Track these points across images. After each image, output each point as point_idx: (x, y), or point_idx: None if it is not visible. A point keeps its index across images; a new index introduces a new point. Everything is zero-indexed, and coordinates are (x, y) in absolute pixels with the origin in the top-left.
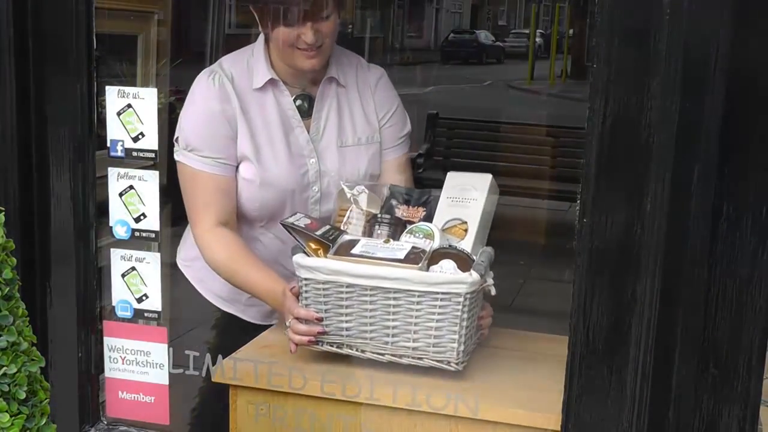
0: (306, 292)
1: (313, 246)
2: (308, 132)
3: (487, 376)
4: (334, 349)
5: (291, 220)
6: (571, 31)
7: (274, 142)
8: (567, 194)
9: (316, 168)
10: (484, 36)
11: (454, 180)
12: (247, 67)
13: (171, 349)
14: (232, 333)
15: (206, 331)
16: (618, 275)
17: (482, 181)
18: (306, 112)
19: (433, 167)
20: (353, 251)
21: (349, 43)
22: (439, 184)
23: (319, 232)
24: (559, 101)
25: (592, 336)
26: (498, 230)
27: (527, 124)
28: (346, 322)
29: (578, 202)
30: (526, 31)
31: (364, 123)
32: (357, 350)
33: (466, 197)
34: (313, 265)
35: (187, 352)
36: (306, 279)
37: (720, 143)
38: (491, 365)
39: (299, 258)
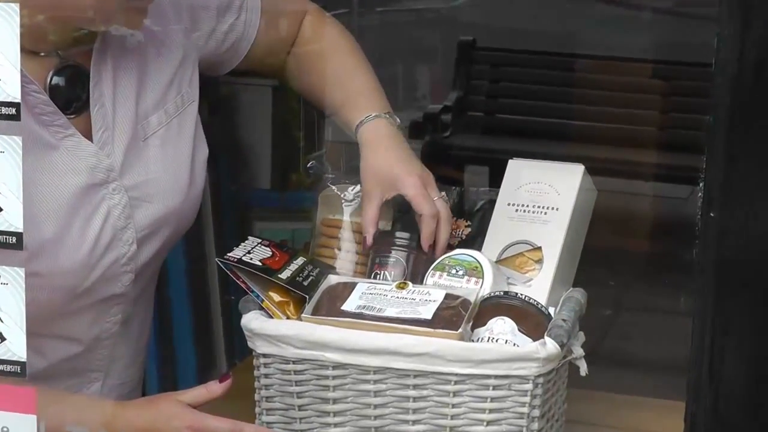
0: (266, 377)
1: (276, 298)
2: (91, 136)
3: None
4: None
5: (237, 253)
6: None
7: (30, 194)
8: (684, 173)
9: (122, 199)
10: None
11: (519, 174)
12: None
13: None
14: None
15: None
16: (765, 301)
17: (568, 178)
18: (75, 100)
19: (468, 128)
20: (345, 307)
21: None
22: (475, 159)
23: (285, 274)
24: (673, 21)
25: (722, 399)
26: None
27: (619, 59)
28: (335, 425)
29: (701, 185)
30: None
31: (171, 75)
32: None
33: (541, 205)
34: (278, 332)
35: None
36: (266, 356)
37: None
38: None
39: (253, 320)
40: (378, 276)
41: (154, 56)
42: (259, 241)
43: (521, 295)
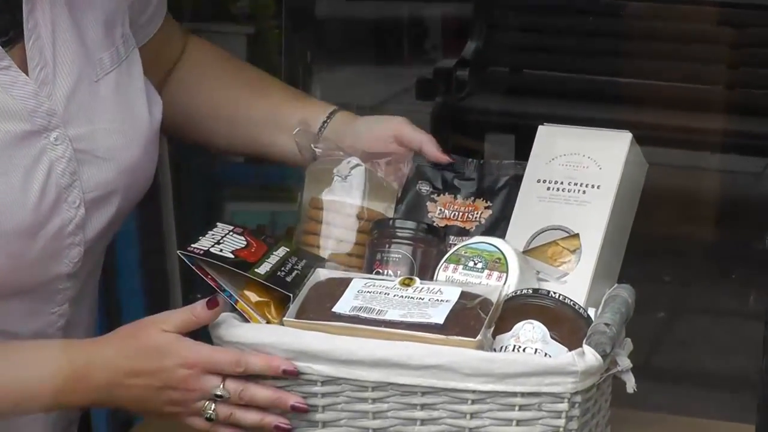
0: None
1: (252, 297)
2: (27, 72)
3: None
4: None
5: (204, 243)
6: None
7: None
8: (757, 141)
9: (66, 151)
10: None
11: (552, 143)
12: None
13: None
14: None
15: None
16: None
17: (612, 148)
18: (3, 33)
19: (488, 87)
20: (338, 308)
21: None
22: (497, 125)
23: (263, 268)
24: None
25: None
26: None
27: (677, 1)
28: None
29: None
30: None
31: (113, 11)
32: None
33: (579, 181)
34: (255, 340)
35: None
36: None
37: None
38: None
39: (223, 326)
40: None
41: None
42: (231, 228)
43: (554, 293)
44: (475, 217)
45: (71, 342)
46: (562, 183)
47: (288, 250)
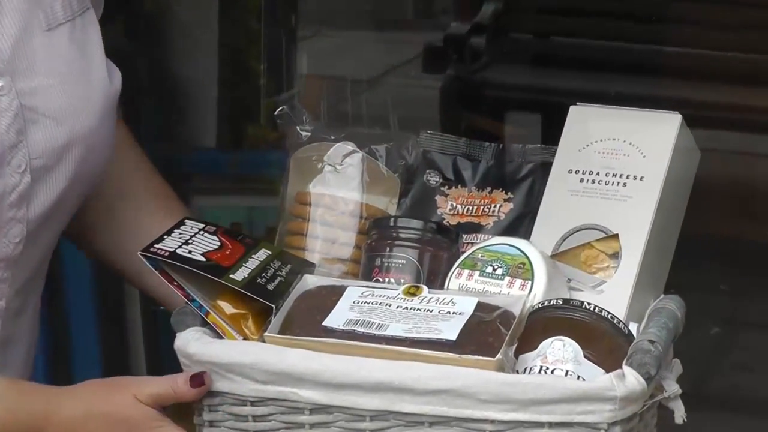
0: (212, 425)
1: (227, 308)
2: None
3: None
4: None
5: (169, 244)
6: None
7: None
8: None
9: (12, 104)
10: None
11: (586, 126)
12: None
13: None
14: None
15: None
16: None
17: (658, 132)
18: None
19: (510, 57)
20: (329, 322)
21: None
22: (520, 103)
23: (240, 274)
24: None
25: None
26: None
27: None
28: None
29: None
30: None
31: None
32: None
33: (619, 172)
34: (230, 359)
35: None
36: (212, 395)
37: None
38: None
39: (192, 342)
40: None
41: None
42: (201, 226)
43: (589, 304)
44: (493, 212)
45: (31, 386)
46: (598, 174)
47: (269, 252)
